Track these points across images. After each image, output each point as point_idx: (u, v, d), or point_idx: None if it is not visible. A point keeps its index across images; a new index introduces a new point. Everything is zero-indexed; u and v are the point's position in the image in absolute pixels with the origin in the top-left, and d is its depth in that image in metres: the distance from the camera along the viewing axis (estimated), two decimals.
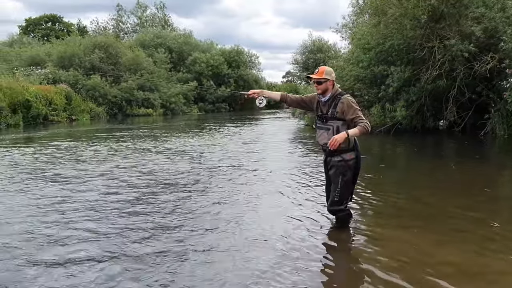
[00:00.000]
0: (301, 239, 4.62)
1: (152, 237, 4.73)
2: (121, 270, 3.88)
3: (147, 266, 3.94)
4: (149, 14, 56.60)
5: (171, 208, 5.87)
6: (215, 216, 5.50)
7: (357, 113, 4.49)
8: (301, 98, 5.06)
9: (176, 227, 5.06)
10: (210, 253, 4.25)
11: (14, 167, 9.38)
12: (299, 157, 10.99)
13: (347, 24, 24.57)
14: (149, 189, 7.07)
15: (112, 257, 4.16)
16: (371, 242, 4.50)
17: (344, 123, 4.56)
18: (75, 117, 28.77)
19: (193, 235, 4.78)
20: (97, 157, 10.85)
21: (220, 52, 49.79)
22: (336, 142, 4.42)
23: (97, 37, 41.54)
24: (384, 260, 4.01)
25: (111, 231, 4.92)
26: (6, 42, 46.00)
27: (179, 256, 4.16)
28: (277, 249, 4.33)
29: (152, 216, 5.50)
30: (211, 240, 4.61)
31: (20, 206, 6.04)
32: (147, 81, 36.00)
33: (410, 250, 4.24)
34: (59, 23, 57.88)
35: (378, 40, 16.18)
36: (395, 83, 15.07)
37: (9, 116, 22.60)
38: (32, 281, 3.69)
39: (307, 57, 45.84)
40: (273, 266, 3.92)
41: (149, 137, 16.72)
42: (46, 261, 4.08)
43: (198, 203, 6.11)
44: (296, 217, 5.36)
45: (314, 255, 4.18)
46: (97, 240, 4.64)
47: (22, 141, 15.09)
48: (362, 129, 4.43)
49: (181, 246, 4.44)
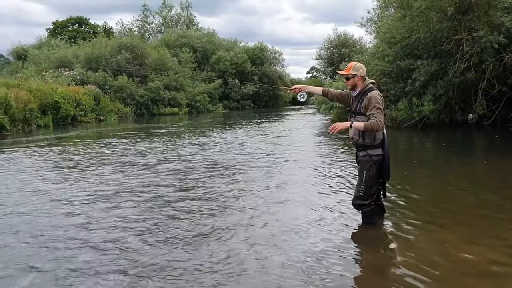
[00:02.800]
0: (327, 233, 4.65)
1: (202, 213, 5.52)
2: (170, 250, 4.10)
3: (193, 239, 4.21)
4: (174, 14, 57.08)
5: (216, 191, 6.78)
6: (249, 203, 6.01)
7: (373, 110, 4.50)
8: (339, 92, 5.16)
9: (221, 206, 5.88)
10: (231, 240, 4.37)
11: (75, 163, 9.94)
12: (327, 151, 10.96)
13: (372, 18, 24.30)
14: (199, 175, 8.18)
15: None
16: (399, 238, 4.48)
17: (367, 118, 4.58)
18: (103, 117, 29.34)
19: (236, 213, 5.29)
20: (150, 151, 12.06)
21: (243, 49, 49.86)
22: (336, 127, 4.52)
23: (122, 38, 42.18)
24: (411, 257, 3.99)
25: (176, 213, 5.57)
26: (35, 45, 47.06)
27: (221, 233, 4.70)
28: (303, 243, 4.37)
29: (205, 197, 6.46)
30: (238, 223, 4.95)
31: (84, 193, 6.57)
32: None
33: (438, 247, 4.21)
34: (86, 25, 58.93)
35: (403, 34, 15.96)
36: (422, 77, 14.85)
37: (39, 117, 23.20)
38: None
39: (331, 52, 45.40)
40: (298, 260, 3.97)
41: (183, 133, 17.51)
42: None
43: (242, 188, 6.91)
44: (323, 211, 5.40)
45: (338, 250, 4.20)
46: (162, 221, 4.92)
47: (65, 140, 15.51)
48: (367, 125, 4.46)
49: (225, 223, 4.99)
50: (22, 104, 21.48)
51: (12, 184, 7.91)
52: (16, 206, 6.25)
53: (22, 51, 46.20)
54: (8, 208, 6.19)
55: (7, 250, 4.50)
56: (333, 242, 4.42)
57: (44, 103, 23.97)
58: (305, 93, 5.36)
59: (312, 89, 5.42)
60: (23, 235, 4.95)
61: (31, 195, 6.92)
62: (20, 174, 8.99)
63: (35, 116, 22.69)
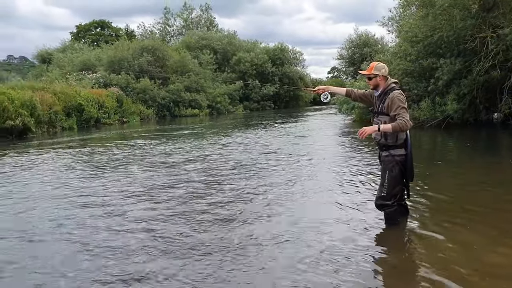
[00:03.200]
0: (348, 234, 4.65)
1: (225, 207, 5.94)
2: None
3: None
4: (195, 16, 57.47)
5: (242, 189, 7.09)
6: (273, 201, 6.14)
7: (399, 110, 4.44)
8: (363, 93, 5.13)
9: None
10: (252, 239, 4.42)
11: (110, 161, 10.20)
12: (350, 151, 10.91)
13: (394, 17, 24.06)
14: (225, 174, 8.47)
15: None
16: (423, 239, 4.44)
17: (390, 118, 4.54)
18: (126, 119, 29.73)
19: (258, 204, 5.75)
20: (176, 151, 12.39)
21: (264, 50, 49.88)
22: (364, 132, 4.46)
23: (144, 40, 42.65)
24: (436, 258, 3.95)
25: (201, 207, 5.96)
26: (59, 49, 47.91)
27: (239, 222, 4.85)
28: (327, 242, 4.37)
29: (232, 194, 6.78)
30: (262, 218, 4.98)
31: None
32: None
33: (463, 248, 4.16)
34: (108, 28, 59.75)
35: (426, 33, 15.76)
36: (445, 76, 14.65)
37: (64, 119, 23.65)
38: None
39: (353, 51, 45.10)
40: (322, 259, 3.98)
41: (206, 134, 17.90)
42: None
43: (265, 185, 7.19)
44: (346, 211, 5.41)
45: (361, 250, 4.19)
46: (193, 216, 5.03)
47: (91, 142, 15.79)
48: (395, 126, 4.39)
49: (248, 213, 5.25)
50: (47, 107, 21.93)
51: (49, 182, 8.35)
52: (56, 201, 6.70)
53: (46, 54, 47.12)
54: (48, 203, 6.61)
55: (56, 242, 4.87)
56: (357, 242, 4.42)
57: (68, 105, 24.42)
58: (329, 94, 5.36)
59: (336, 89, 5.44)
60: (68, 228, 5.34)
61: (69, 192, 7.32)
62: (54, 173, 9.38)
63: (59, 118, 23.13)
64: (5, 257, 4.47)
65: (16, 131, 19.17)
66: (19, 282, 3.93)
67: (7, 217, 6.02)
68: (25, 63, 72.12)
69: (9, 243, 4.90)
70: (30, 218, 5.88)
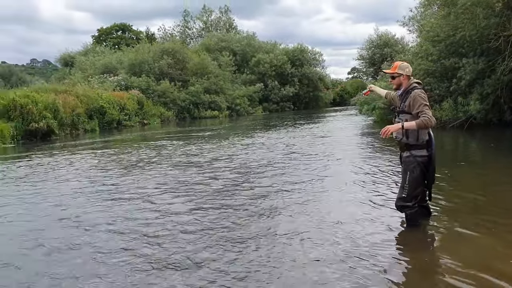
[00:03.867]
0: (369, 234, 4.62)
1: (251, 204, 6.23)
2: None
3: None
4: (214, 18, 57.73)
5: (267, 187, 7.34)
6: (294, 198, 6.28)
7: (421, 108, 4.41)
8: (392, 95, 5.20)
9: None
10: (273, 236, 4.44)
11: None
12: (372, 151, 10.83)
13: (415, 16, 23.77)
14: (250, 173, 8.72)
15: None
16: (445, 241, 4.40)
17: (411, 117, 4.50)
18: (147, 121, 30.03)
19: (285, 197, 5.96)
20: (200, 151, 12.69)
21: (283, 51, 49.81)
22: (387, 130, 4.43)
23: (164, 43, 43.02)
24: (457, 261, 3.89)
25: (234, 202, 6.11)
26: (81, 52, 48.68)
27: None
28: (344, 243, 4.35)
29: (257, 192, 7.02)
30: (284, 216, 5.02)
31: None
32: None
33: (486, 251, 4.09)
34: (129, 31, 60.50)
35: (448, 32, 15.55)
36: (468, 76, 14.42)
37: (86, 121, 24.01)
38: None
39: (373, 52, 44.72)
40: (340, 259, 3.98)
41: (227, 135, 18.14)
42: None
43: (288, 182, 7.53)
44: (369, 210, 5.40)
45: (381, 252, 4.16)
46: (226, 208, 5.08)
47: (115, 143, 16.02)
48: (420, 123, 4.34)
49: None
50: (70, 109, 22.28)
51: (82, 180, 8.73)
52: (90, 198, 7.10)
53: (69, 58, 47.95)
54: (83, 199, 7.01)
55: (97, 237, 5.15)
56: (378, 242, 4.40)
57: (91, 108, 24.79)
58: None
59: (380, 90, 5.68)
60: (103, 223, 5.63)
61: (101, 190, 7.74)
62: (89, 172, 9.78)
63: (82, 120, 23.49)
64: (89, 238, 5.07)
65: (40, 133, 19.54)
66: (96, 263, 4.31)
67: (65, 211, 6.38)
68: (48, 67, 73.55)
69: (75, 231, 5.38)
70: (85, 210, 6.32)
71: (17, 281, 3.94)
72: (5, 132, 17.81)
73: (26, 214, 6.34)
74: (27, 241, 5.06)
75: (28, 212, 6.49)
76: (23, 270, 4.22)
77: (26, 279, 3.98)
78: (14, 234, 5.36)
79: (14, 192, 7.99)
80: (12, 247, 4.91)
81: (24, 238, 5.15)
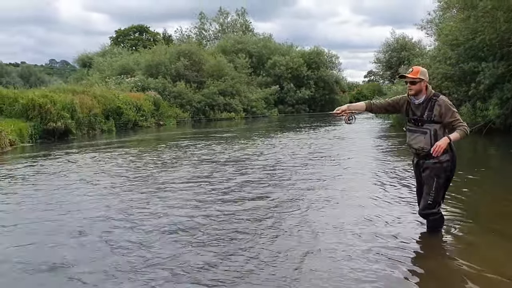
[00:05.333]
0: (389, 241, 4.56)
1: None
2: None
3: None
4: (230, 20, 57.87)
5: (287, 186, 7.64)
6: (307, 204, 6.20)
7: (455, 116, 4.36)
8: (387, 103, 4.92)
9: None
10: None
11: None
12: (390, 155, 10.75)
13: (433, 20, 23.53)
14: (271, 172, 9.07)
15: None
16: (463, 248, 4.31)
17: (441, 126, 4.42)
18: (162, 122, 30.21)
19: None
20: (220, 152, 12.93)
21: (299, 54, 49.71)
22: (440, 148, 4.32)
23: (181, 45, 43.25)
24: (475, 267, 3.83)
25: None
26: (99, 53, 49.22)
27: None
28: (363, 250, 4.30)
29: (277, 191, 7.27)
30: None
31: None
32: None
33: (504, 257, 4.03)
34: (146, 33, 61.01)
35: (467, 36, 15.35)
36: (487, 80, 14.21)
37: (103, 122, 24.22)
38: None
39: (390, 55, 44.37)
40: (359, 267, 3.91)
41: (245, 136, 18.32)
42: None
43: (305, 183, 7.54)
44: (385, 219, 5.31)
45: (401, 259, 4.09)
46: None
47: (134, 144, 16.14)
48: (463, 134, 4.36)
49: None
50: (87, 110, 22.50)
51: (116, 176, 8.97)
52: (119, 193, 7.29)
53: (87, 58, 48.52)
54: (108, 197, 7.16)
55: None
56: (395, 246, 4.37)
57: (108, 108, 24.99)
58: (353, 116, 4.90)
59: (355, 106, 4.94)
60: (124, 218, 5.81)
61: (136, 184, 8.08)
62: (113, 169, 9.95)
63: (99, 121, 23.70)
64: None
65: (57, 132, 19.77)
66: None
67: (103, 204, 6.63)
68: (66, 67, 74.53)
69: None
70: (122, 203, 6.60)
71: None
72: (23, 131, 18.05)
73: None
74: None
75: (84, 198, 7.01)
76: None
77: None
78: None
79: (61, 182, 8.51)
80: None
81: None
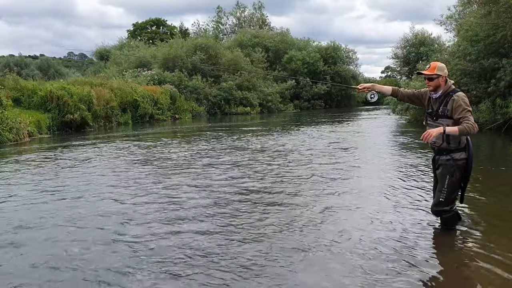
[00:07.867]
0: (401, 239, 4.50)
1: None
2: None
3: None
4: (247, 14, 57.77)
5: (307, 181, 7.66)
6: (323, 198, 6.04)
7: (464, 113, 4.22)
8: (412, 92, 4.91)
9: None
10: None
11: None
12: (406, 151, 10.63)
13: (453, 15, 23.12)
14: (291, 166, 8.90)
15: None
16: (478, 247, 4.23)
17: (453, 122, 4.32)
18: (178, 116, 30.33)
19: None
20: (240, 146, 13.15)
21: (316, 49, 49.41)
22: (429, 135, 4.24)
23: (198, 39, 43.30)
24: (490, 270, 3.74)
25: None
26: (116, 46, 49.54)
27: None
28: (376, 248, 4.26)
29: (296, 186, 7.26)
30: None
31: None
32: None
33: None
34: (163, 26, 61.26)
35: (488, 31, 15.07)
36: (508, 77, 13.96)
37: (119, 114, 24.44)
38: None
39: (408, 51, 43.75)
40: (371, 267, 3.87)
41: (263, 131, 18.46)
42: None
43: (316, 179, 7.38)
44: (399, 216, 5.25)
45: (414, 257, 4.04)
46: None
47: (152, 136, 16.29)
48: (462, 129, 4.15)
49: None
50: (104, 102, 22.73)
51: (120, 172, 8.98)
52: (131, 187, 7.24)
53: (104, 52, 48.93)
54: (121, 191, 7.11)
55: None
56: (409, 243, 4.34)
57: (124, 101, 25.21)
58: (376, 93, 5.08)
59: (382, 88, 5.06)
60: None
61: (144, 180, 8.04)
62: (119, 165, 10.00)
63: (115, 113, 23.93)
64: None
65: (74, 124, 20.02)
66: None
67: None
68: (84, 60, 75.13)
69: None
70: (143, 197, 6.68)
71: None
72: (41, 122, 18.32)
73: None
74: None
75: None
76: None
77: None
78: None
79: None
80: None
81: None
